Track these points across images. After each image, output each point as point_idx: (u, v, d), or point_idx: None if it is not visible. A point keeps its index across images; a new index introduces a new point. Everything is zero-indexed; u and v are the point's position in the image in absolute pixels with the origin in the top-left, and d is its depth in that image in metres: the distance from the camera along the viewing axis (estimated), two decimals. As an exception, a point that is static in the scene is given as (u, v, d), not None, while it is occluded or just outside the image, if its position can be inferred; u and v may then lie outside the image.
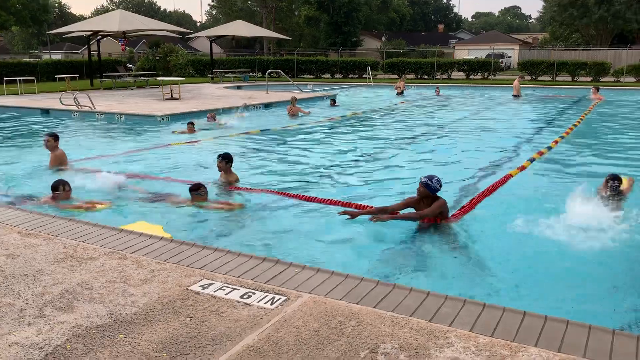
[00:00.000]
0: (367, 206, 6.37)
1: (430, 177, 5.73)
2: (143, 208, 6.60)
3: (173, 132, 13.32)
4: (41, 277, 3.85)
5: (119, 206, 6.58)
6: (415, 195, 5.90)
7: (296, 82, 28.84)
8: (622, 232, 5.45)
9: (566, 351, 2.87)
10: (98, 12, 79.60)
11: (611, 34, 48.48)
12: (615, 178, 6.62)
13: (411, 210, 5.91)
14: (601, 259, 5.03)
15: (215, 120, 14.75)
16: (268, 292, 3.61)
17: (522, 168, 8.67)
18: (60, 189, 6.43)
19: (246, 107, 17.42)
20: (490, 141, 12.01)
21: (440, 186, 5.72)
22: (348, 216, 5.92)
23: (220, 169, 7.57)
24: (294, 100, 17.29)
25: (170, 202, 6.73)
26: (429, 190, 5.69)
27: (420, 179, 5.79)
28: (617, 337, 3.02)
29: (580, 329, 3.09)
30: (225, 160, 7.52)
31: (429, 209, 5.70)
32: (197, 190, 6.60)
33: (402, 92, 25.40)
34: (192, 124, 13.06)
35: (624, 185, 6.83)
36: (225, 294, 3.58)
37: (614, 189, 6.54)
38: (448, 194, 6.59)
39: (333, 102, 20.20)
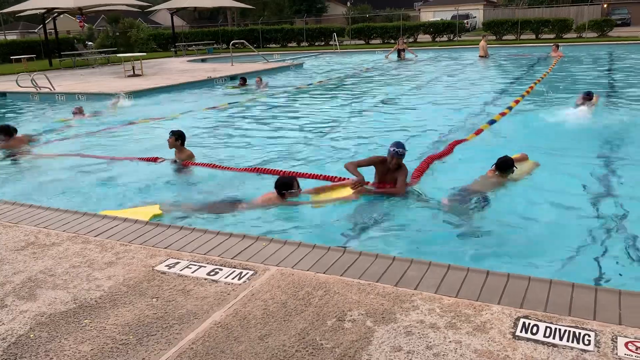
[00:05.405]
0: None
1: (399, 145, 5.68)
2: None
3: None
4: (1, 266, 3.76)
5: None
6: (380, 156, 5.89)
7: (262, 52, 28.38)
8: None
9: (528, 307, 2.94)
10: (52, -12, 76.53)
11: (573, -10, 48.72)
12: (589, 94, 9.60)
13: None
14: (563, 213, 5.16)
15: (83, 115, 12.04)
16: (235, 267, 3.60)
17: (480, 131, 8.74)
18: (295, 186, 5.71)
19: (127, 96, 14.36)
20: (454, 103, 12.07)
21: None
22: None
23: (171, 147, 7.36)
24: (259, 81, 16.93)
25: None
26: (402, 159, 5.68)
27: (396, 150, 5.63)
28: (576, 290, 3.10)
29: (542, 284, 3.16)
30: (175, 137, 7.30)
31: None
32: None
33: (402, 54, 24.02)
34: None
35: (593, 101, 9.58)
36: (192, 272, 3.55)
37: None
38: (413, 156, 6.66)
39: (243, 81, 16.81)
